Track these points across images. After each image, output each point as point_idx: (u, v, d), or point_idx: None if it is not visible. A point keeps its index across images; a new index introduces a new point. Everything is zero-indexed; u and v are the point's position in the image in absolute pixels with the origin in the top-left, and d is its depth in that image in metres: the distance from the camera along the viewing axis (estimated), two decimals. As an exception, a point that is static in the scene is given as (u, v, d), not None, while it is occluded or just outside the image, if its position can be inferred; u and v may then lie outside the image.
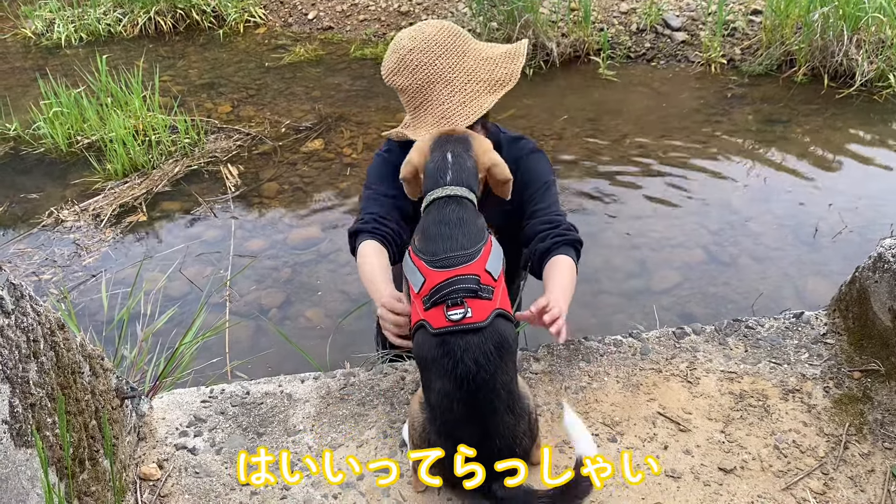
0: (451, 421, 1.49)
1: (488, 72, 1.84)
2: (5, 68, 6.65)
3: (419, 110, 1.87)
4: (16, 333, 1.32)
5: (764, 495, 1.60)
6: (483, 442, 1.48)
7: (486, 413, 1.47)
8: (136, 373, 2.40)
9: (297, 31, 7.05)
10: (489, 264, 1.55)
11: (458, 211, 1.60)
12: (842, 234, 3.70)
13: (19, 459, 1.26)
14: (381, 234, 1.94)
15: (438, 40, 1.83)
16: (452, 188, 1.63)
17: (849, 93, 5.05)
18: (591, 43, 5.92)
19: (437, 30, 1.85)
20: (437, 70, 1.82)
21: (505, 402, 1.48)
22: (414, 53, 1.83)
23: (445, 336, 1.48)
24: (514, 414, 1.50)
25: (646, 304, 3.33)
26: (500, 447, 1.48)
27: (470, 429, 1.48)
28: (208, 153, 4.82)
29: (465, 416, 1.48)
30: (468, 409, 1.47)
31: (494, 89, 1.84)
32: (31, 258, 3.91)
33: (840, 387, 1.85)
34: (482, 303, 1.50)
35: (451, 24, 1.89)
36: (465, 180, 1.65)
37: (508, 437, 1.49)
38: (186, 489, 1.68)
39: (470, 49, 1.86)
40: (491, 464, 1.49)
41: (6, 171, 4.82)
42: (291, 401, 1.92)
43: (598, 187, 4.27)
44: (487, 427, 1.48)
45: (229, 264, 3.74)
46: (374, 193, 2.03)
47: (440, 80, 1.82)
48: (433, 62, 1.82)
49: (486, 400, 1.47)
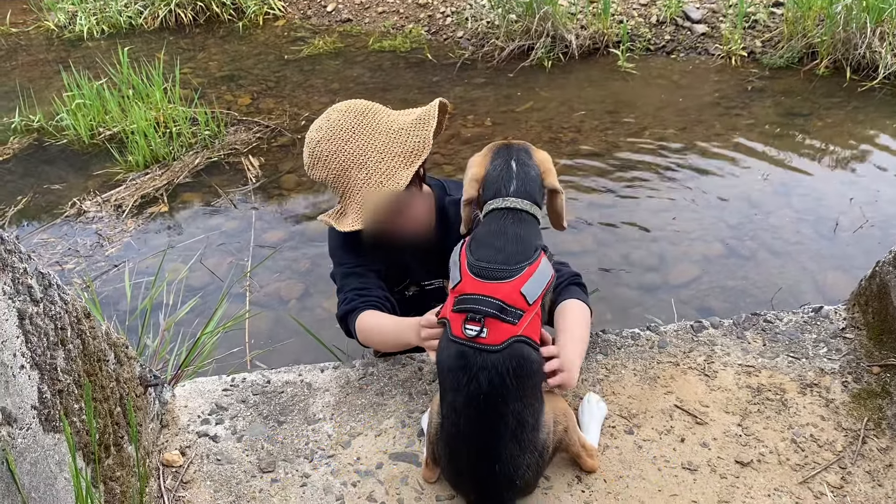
0: (455, 434, 1.49)
1: (401, 144, 1.75)
2: (29, 60, 6.73)
3: (343, 198, 1.81)
4: (44, 321, 1.35)
5: (781, 489, 1.60)
6: (481, 462, 1.47)
7: (489, 435, 1.45)
8: (159, 361, 2.44)
9: (316, 23, 7.08)
10: (526, 286, 1.48)
11: (514, 226, 1.54)
12: (862, 229, 3.67)
13: (48, 444, 1.29)
14: (370, 304, 1.89)
15: (344, 125, 1.77)
16: (514, 200, 1.56)
17: (871, 86, 5.00)
18: (611, 35, 5.89)
19: (342, 114, 1.79)
20: (348, 156, 1.75)
21: (511, 429, 1.45)
22: (322, 144, 1.77)
23: (465, 348, 1.46)
24: (519, 444, 1.46)
25: (664, 297, 3.33)
26: (499, 472, 1.46)
27: (470, 446, 1.48)
28: (228, 145, 4.86)
29: (468, 433, 1.47)
30: (472, 427, 1.46)
31: (410, 162, 1.75)
32: (54, 248, 3.97)
33: (859, 381, 1.85)
34: (503, 326, 1.46)
35: (358, 102, 1.82)
36: (528, 192, 1.58)
37: (509, 466, 1.46)
38: (208, 476, 1.71)
39: (380, 124, 1.78)
40: (487, 486, 1.49)
41: (30, 162, 4.89)
42: (311, 390, 1.94)
43: (617, 180, 4.26)
44: (488, 450, 1.46)
45: (249, 255, 3.78)
46: (347, 268, 1.96)
47: (353, 164, 1.75)
48: (342, 148, 1.75)
49: (492, 423, 1.44)
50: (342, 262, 1.98)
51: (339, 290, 1.97)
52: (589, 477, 1.64)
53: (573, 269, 1.93)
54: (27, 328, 1.28)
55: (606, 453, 1.70)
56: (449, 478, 1.59)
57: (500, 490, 1.50)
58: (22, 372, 1.25)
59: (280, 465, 1.73)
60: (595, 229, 3.85)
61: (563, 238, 3.77)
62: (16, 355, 1.24)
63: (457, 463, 1.53)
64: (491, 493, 1.51)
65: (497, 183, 1.59)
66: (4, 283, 1.24)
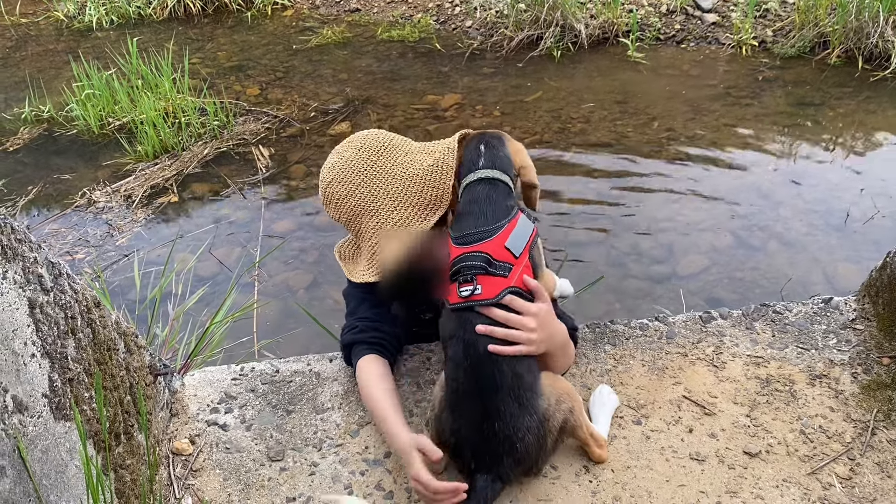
0: (457, 393, 1.52)
1: (417, 194, 1.69)
2: (39, 51, 6.74)
3: (357, 239, 1.77)
4: (54, 310, 1.35)
5: (789, 479, 1.60)
6: (483, 422, 1.48)
7: (487, 388, 1.49)
8: (169, 350, 2.45)
9: (325, 13, 7.06)
10: (510, 241, 1.55)
11: (487, 190, 1.62)
12: (873, 220, 3.64)
13: (59, 432, 1.30)
14: (377, 343, 1.81)
15: (356, 166, 1.70)
16: (484, 171, 1.64)
17: (884, 75, 4.95)
18: (620, 24, 5.85)
19: (356, 152, 1.72)
20: (360, 200, 1.70)
21: (509, 383, 1.49)
22: (333, 185, 1.72)
23: (461, 311, 1.53)
24: (518, 401, 1.49)
25: (673, 288, 3.32)
26: (499, 432, 1.47)
27: (472, 404, 1.50)
28: (237, 135, 4.86)
29: (468, 390, 1.50)
30: (472, 382, 1.50)
31: (426, 215, 1.69)
32: (64, 238, 3.98)
33: (868, 373, 1.84)
34: (495, 280, 1.53)
35: (374, 138, 1.74)
36: (497, 165, 1.66)
37: (509, 426, 1.48)
38: (217, 464, 1.72)
39: (395, 167, 1.70)
40: (487, 447, 1.49)
41: (40, 152, 4.91)
42: (320, 379, 1.95)
43: (626, 171, 4.24)
44: (487, 406, 1.48)
45: (258, 245, 3.79)
46: (360, 292, 1.86)
47: (365, 211, 1.70)
48: (353, 192, 1.70)
49: (489, 374, 1.49)
50: (357, 285, 1.86)
51: (351, 314, 1.88)
52: (597, 467, 1.64)
53: (573, 322, 1.87)
54: (38, 317, 1.29)
55: (614, 443, 1.70)
56: (451, 446, 1.57)
57: (501, 454, 1.49)
58: (33, 360, 1.26)
59: (289, 454, 1.74)
60: (604, 220, 3.84)
61: (572, 230, 3.76)
62: (27, 344, 1.25)
63: (459, 424, 1.53)
64: (491, 455, 1.50)
65: (468, 163, 1.68)
66: (15, 272, 1.25)
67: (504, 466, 1.50)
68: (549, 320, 1.60)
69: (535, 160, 1.80)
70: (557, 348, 1.64)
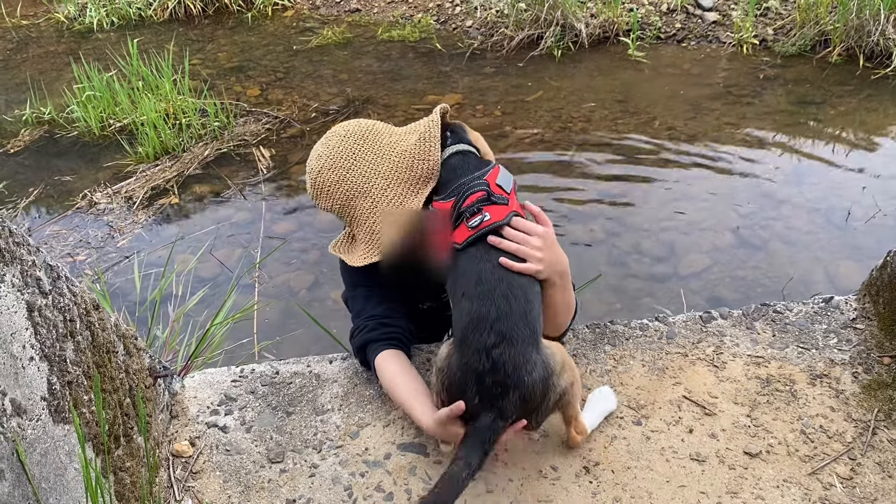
0: (470, 318, 1.52)
1: (407, 169, 1.70)
2: (39, 52, 6.75)
3: (352, 227, 1.77)
4: (53, 313, 1.35)
5: (790, 480, 1.59)
6: (494, 348, 1.48)
7: (500, 313, 1.51)
8: (169, 352, 2.45)
9: (325, 13, 7.06)
10: (499, 179, 1.66)
11: (462, 158, 1.74)
12: (875, 218, 3.64)
13: (58, 435, 1.30)
14: (392, 338, 1.79)
15: (344, 151, 1.72)
16: (455, 146, 1.76)
17: (885, 73, 4.94)
18: (621, 23, 5.85)
19: (341, 139, 1.73)
20: (352, 184, 1.70)
21: (521, 308, 1.53)
22: (323, 174, 1.72)
23: (472, 245, 1.60)
24: (529, 327, 1.52)
25: (674, 287, 3.32)
26: (509, 361, 1.47)
27: (483, 332, 1.50)
28: (237, 136, 4.86)
29: (481, 313, 1.51)
30: (485, 304, 1.53)
31: (418, 189, 1.71)
32: (65, 239, 3.99)
33: (869, 372, 1.83)
34: (498, 207, 1.61)
35: (357, 125, 1.76)
36: (464, 141, 1.79)
37: (520, 353, 1.48)
38: (217, 466, 1.72)
39: (382, 148, 1.73)
40: (497, 378, 1.47)
41: (41, 153, 4.91)
42: (320, 381, 1.95)
43: (627, 170, 4.24)
44: (499, 329, 1.49)
45: (259, 246, 3.79)
46: (364, 290, 1.85)
47: (358, 194, 1.70)
48: (344, 177, 1.70)
49: (503, 296, 1.53)
50: (360, 283, 1.85)
51: (358, 315, 1.84)
52: (597, 468, 1.64)
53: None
54: (36, 320, 1.29)
55: (614, 444, 1.70)
56: (455, 383, 1.54)
57: (508, 385, 1.47)
58: (31, 364, 1.26)
59: (289, 456, 1.74)
60: (604, 219, 3.84)
61: (573, 228, 3.76)
62: (25, 347, 1.25)
63: (467, 357, 1.50)
64: (498, 385, 1.47)
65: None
66: (13, 275, 1.25)
67: (509, 400, 1.48)
68: (552, 244, 1.65)
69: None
70: (558, 277, 1.65)
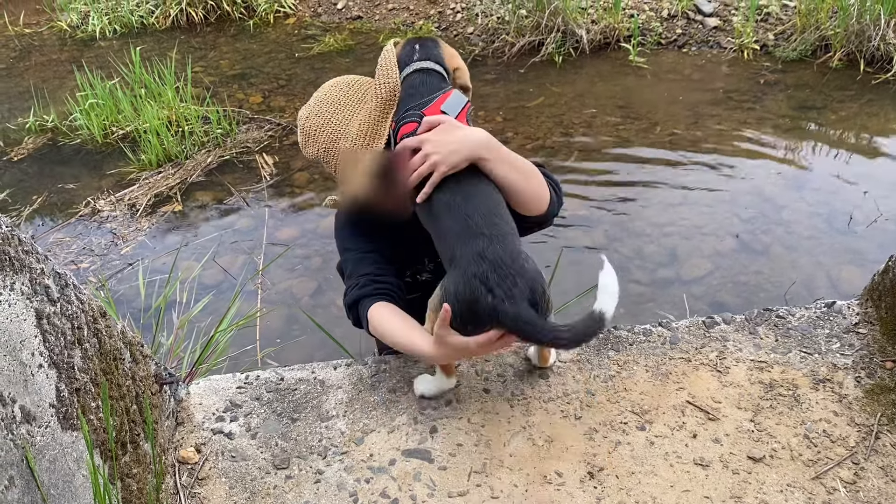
0: (456, 238, 1.57)
1: (380, 105, 1.76)
2: (42, 61, 6.78)
3: (336, 172, 1.82)
4: (61, 321, 1.36)
5: (793, 484, 1.60)
6: (487, 248, 1.53)
7: (473, 215, 1.56)
8: (174, 359, 2.46)
9: (327, 20, 7.09)
10: (444, 105, 1.68)
11: (422, 77, 1.74)
12: (877, 223, 3.65)
13: (66, 442, 1.31)
14: (384, 293, 1.82)
15: (329, 98, 1.80)
16: (419, 63, 1.76)
17: (886, 78, 4.96)
18: (622, 29, 5.87)
19: (329, 88, 1.82)
20: (335, 127, 1.78)
21: (490, 207, 1.59)
22: (310, 119, 1.80)
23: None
24: (507, 224, 1.59)
25: (676, 293, 3.32)
26: (502, 235, 1.55)
27: (470, 237, 1.55)
28: (240, 143, 4.88)
29: (462, 229, 1.56)
30: (468, 200, 1.60)
31: (385, 114, 1.77)
32: (69, 247, 4.00)
33: (872, 377, 1.84)
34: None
35: (347, 76, 1.85)
36: (431, 59, 1.77)
37: (510, 244, 1.54)
38: (223, 472, 1.73)
39: (366, 94, 1.80)
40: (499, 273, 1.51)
41: (44, 161, 4.93)
42: (324, 387, 1.95)
43: (629, 176, 4.25)
44: (485, 231, 1.54)
45: (262, 253, 3.80)
46: (356, 253, 1.91)
47: (340, 136, 1.78)
48: (329, 121, 1.78)
49: (473, 207, 1.58)
50: (352, 248, 1.92)
51: (350, 276, 1.90)
52: (601, 473, 1.65)
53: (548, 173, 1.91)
54: (45, 328, 1.30)
55: (618, 449, 1.70)
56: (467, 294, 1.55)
57: (514, 275, 1.51)
58: (40, 371, 1.27)
59: (294, 462, 1.74)
60: (607, 225, 3.85)
61: (575, 234, 3.77)
62: (34, 354, 1.26)
63: (464, 264, 1.54)
64: (504, 278, 1.51)
65: (403, 60, 1.78)
66: (22, 283, 1.26)
67: (519, 289, 1.51)
68: (443, 134, 1.64)
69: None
70: (484, 151, 1.64)
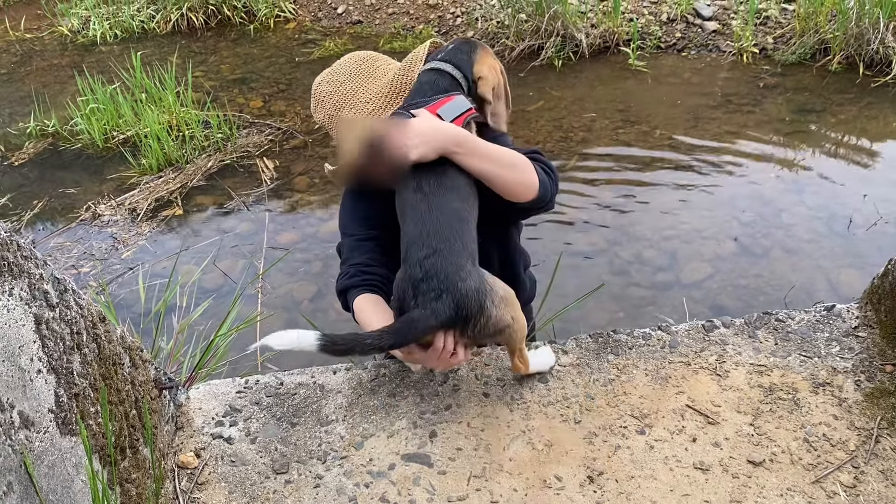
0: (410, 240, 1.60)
1: (387, 90, 1.83)
2: (43, 65, 6.79)
3: (337, 138, 1.88)
4: (60, 326, 1.37)
5: (793, 488, 1.60)
6: (427, 258, 1.55)
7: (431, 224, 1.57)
8: (173, 364, 2.46)
9: (327, 25, 7.10)
10: (441, 110, 1.68)
11: (433, 77, 1.75)
12: (876, 226, 3.65)
13: (65, 447, 1.31)
14: (371, 284, 1.88)
15: (342, 69, 1.86)
16: (436, 63, 1.77)
17: (885, 81, 4.96)
18: (621, 33, 5.88)
19: (345, 60, 1.88)
20: (342, 96, 1.84)
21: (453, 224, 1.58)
22: (321, 86, 1.87)
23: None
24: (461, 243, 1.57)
25: (676, 296, 3.32)
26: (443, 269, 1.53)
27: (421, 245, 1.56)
28: (240, 148, 4.89)
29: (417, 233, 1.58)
30: (417, 225, 1.60)
31: (393, 100, 1.83)
32: (70, 252, 4.01)
33: (871, 380, 1.84)
34: None
35: (364, 52, 1.91)
36: (453, 61, 1.77)
37: (452, 261, 1.54)
38: (223, 477, 1.73)
39: (377, 70, 1.86)
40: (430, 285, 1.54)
41: (45, 166, 4.94)
42: (324, 392, 1.95)
43: (629, 179, 4.25)
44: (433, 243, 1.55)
45: (262, 257, 3.81)
46: (353, 240, 1.96)
47: (345, 104, 1.83)
48: (337, 89, 1.84)
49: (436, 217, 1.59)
50: (350, 233, 1.97)
51: (343, 262, 1.97)
52: (601, 477, 1.65)
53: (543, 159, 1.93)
54: (43, 333, 1.30)
55: (618, 453, 1.70)
56: (401, 294, 1.62)
57: (441, 291, 1.53)
58: (39, 376, 1.27)
59: (293, 467, 1.74)
60: (606, 228, 3.85)
61: (575, 237, 3.78)
62: (33, 360, 1.26)
63: (408, 266, 1.59)
64: (431, 290, 1.54)
65: (433, 56, 1.82)
66: (21, 288, 1.26)
67: (442, 302, 1.54)
68: (421, 124, 1.65)
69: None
70: (453, 146, 1.65)
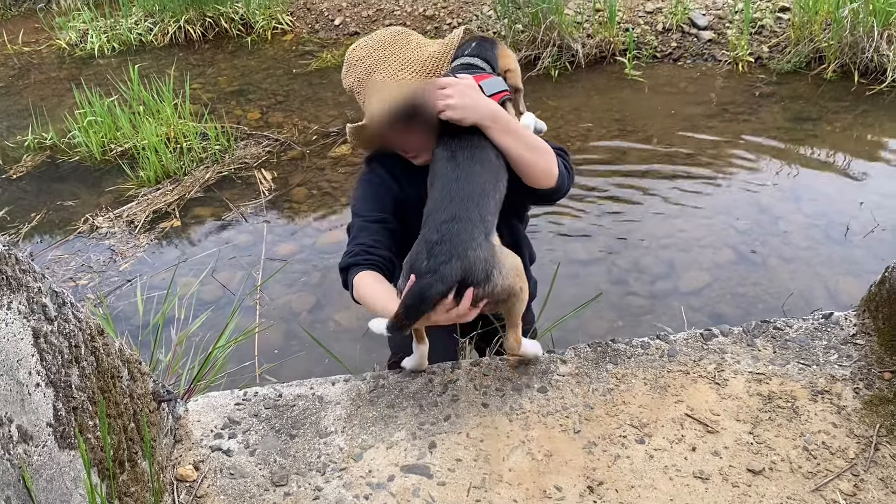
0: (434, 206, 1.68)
1: (421, 63, 1.88)
2: (41, 79, 6.81)
3: (366, 101, 1.91)
4: (58, 339, 1.37)
5: (793, 497, 1.59)
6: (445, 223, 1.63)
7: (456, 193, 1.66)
8: (172, 376, 2.46)
9: (324, 37, 7.13)
10: (484, 83, 1.79)
11: (465, 69, 1.85)
12: (873, 233, 3.65)
13: (63, 461, 1.31)
14: (373, 263, 1.90)
15: (379, 39, 1.91)
16: (467, 58, 1.88)
17: (880, 89, 4.99)
18: (617, 43, 5.91)
19: (382, 31, 1.94)
20: (375, 60, 1.88)
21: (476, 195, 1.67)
22: (355, 51, 1.91)
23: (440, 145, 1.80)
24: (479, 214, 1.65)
25: (674, 305, 3.32)
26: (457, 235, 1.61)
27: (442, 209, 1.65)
28: (238, 159, 4.89)
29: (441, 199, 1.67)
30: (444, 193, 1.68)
31: (426, 78, 1.89)
32: (68, 264, 4.00)
33: (870, 388, 1.84)
34: None
35: (401, 28, 1.96)
36: (482, 56, 1.88)
37: (467, 229, 1.62)
38: (222, 490, 1.72)
39: (411, 43, 1.91)
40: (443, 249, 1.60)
41: (43, 179, 4.94)
42: (323, 403, 1.95)
43: (626, 188, 4.26)
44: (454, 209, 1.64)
45: (260, 268, 3.80)
46: (363, 221, 1.98)
47: (378, 67, 1.88)
48: (370, 54, 1.89)
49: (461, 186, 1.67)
50: (360, 214, 1.99)
51: (350, 241, 1.98)
52: (601, 487, 1.65)
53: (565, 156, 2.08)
54: (42, 346, 1.30)
55: (618, 463, 1.70)
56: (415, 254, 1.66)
57: (451, 256, 1.59)
58: (37, 390, 1.27)
59: (293, 479, 1.74)
60: (604, 237, 3.86)
61: (572, 247, 3.78)
62: (31, 373, 1.26)
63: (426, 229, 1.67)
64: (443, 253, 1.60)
65: (458, 52, 1.93)
66: (20, 302, 1.26)
67: (451, 266, 1.59)
68: (467, 90, 1.76)
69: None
70: (490, 121, 1.76)
